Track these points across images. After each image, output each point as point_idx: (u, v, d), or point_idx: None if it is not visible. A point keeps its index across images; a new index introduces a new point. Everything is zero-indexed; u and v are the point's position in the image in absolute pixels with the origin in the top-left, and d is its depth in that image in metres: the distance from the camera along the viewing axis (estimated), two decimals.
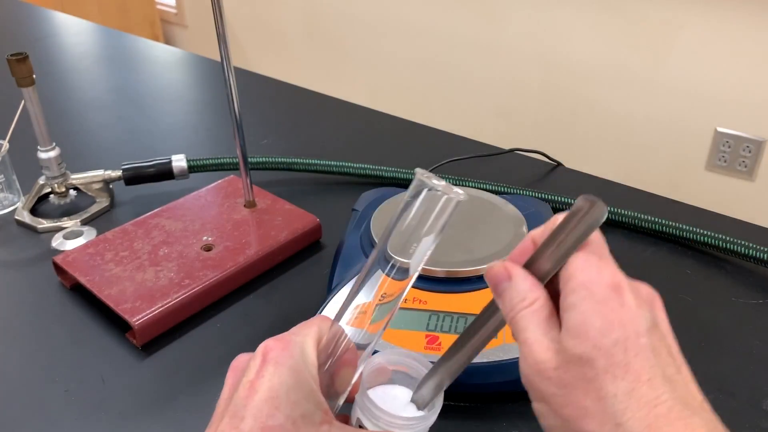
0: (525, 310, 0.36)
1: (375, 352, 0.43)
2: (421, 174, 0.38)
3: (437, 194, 0.38)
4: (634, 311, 0.34)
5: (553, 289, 0.37)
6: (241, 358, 0.39)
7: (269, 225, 0.75)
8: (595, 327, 0.33)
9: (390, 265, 0.40)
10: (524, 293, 0.37)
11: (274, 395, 0.35)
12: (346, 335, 0.40)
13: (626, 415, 0.32)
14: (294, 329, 0.40)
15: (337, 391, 0.40)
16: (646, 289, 0.36)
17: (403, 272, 0.40)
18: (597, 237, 0.38)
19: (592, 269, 0.35)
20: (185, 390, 0.59)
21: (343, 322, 0.41)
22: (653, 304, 0.36)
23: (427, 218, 0.38)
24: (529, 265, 0.38)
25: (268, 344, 0.38)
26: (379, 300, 0.40)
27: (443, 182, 0.38)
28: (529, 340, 0.36)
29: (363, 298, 0.40)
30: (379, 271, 0.40)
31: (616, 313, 0.33)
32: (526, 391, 0.58)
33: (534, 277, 0.37)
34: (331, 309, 0.60)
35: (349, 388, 0.41)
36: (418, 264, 0.40)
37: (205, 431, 0.37)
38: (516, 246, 0.40)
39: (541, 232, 0.39)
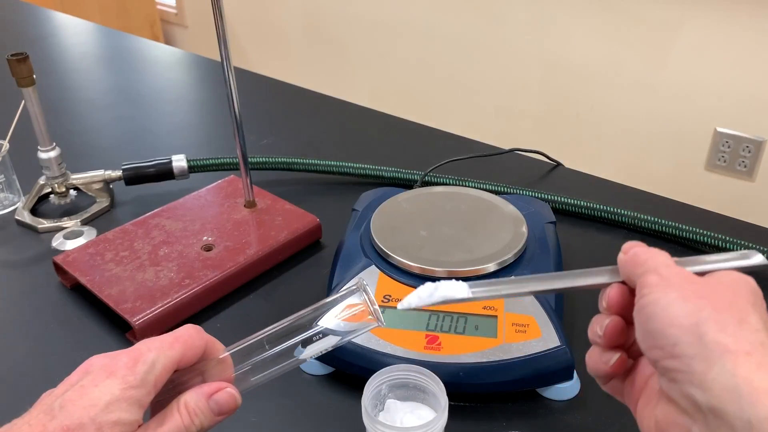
0: (663, 255, 0.38)
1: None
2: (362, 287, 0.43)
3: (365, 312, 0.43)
4: None
5: None
6: (93, 361, 0.40)
7: (269, 225, 0.75)
8: (750, 287, 0.36)
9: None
10: (660, 253, 0.38)
11: (93, 404, 0.36)
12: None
13: (765, 331, 0.33)
14: (156, 339, 0.40)
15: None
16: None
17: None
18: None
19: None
20: None
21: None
22: None
23: (347, 325, 0.42)
24: None
25: (117, 357, 0.38)
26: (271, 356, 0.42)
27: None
28: (667, 264, 0.37)
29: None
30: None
31: (758, 299, 0.36)
32: (525, 391, 0.58)
33: None
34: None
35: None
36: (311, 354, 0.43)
37: (20, 417, 0.39)
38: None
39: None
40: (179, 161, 0.84)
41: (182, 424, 0.38)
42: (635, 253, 0.38)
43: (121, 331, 0.64)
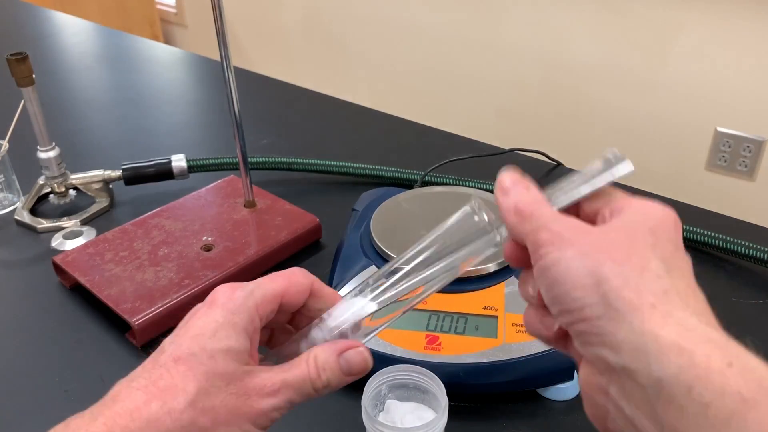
0: (546, 203, 0.35)
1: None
2: (476, 202, 0.40)
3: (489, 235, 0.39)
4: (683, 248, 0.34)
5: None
6: (196, 307, 0.40)
7: (269, 225, 0.75)
8: (653, 221, 0.33)
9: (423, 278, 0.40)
10: (542, 198, 0.36)
11: (201, 332, 0.36)
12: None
13: (669, 275, 0.32)
14: (258, 279, 0.40)
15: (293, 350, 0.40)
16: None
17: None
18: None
19: (655, 203, 0.35)
20: None
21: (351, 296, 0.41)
22: None
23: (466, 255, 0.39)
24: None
25: (217, 287, 0.39)
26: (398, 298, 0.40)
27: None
28: (556, 214, 0.35)
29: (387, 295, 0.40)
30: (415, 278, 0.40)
31: (671, 231, 0.34)
32: (525, 392, 0.58)
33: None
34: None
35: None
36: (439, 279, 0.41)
37: None
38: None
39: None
40: (179, 161, 0.84)
41: (308, 375, 0.37)
42: (518, 209, 0.36)
43: (121, 332, 0.64)
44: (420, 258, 0.40)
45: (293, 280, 0.40)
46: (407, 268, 0.40)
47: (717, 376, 0.28)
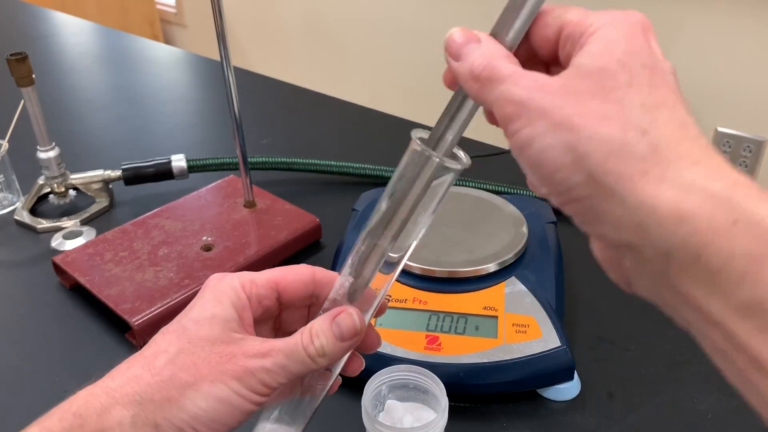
0: (502, 57, 0.31)
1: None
2: (417, 132, 0.37)
3: (429, 159, 0.35)
4: (660, 55, 0.29)
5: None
6: None
7: (269, 225, 0.75)
8: (621, 48, 0.28)
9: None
10: (497, 50, 0.31)
11: (188, 309, 0.38)
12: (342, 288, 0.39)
13: (654, 124, 0.27)
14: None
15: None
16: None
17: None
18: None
19: (615, 12, 0.30)
20: None
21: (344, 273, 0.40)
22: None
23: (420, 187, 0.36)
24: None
25: (211, 276, 0.40)
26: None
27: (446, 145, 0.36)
28: (517, 72, 0.30)
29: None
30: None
31: (643, 47, 0.29)
32: (525, 392, 0.58)
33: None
34: None
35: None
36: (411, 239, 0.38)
37: None
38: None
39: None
40: (179, 161, 0.84)
41: (300, 343, 0.36)
42: (474, 75, 0.31)
43: (121, 332, 0.64)
44: (384, 216, 0.37)
45: (291, 269, 0.40)
46: (373, 226, 0.37)
47: (723, 238, 0.26)
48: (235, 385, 0.35)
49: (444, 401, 0.49)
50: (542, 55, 0.33)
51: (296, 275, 0.40)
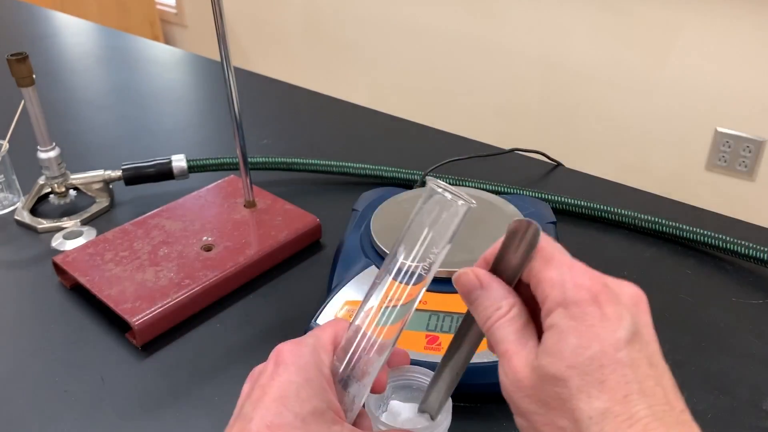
0: (501, 320, 0.36)
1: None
2: (432, 182, 0.39)
3: (448, 201, 0.39)
4: (614, 323, 0.32)
5: (526, 294, 0.36)
6: (256, 368, 0.40)
7: (269, 225, 0.75)
8: (570, 345, 0.32)
9: (402, 268, 0.40)
10: (499, 301, 0.36)
11: (283, 394, 0.36)
12: (366, 332, 0.40)
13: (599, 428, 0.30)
14: (309, 333, 0.40)
15: (354, 396, 0.40)
16: (629, 290, 0.34)
17: (412, 277, 0.40)
18: (550, 243, 0.36)
19: (567, 284, 0.33)
20: (185, 390, 0.59)
21: (359, 322, 0.41)
22: (638, 306, 0.34)
23: (438, 225, 0.39)
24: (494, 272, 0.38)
25: (279, 347, 0.38)
26: (393, 302, 0.40)
27: (453, 188, 0.39)
28: (507, 353, 0.35)
29: (377, 299, 0.41)
30: (387, 275, 0.40)
31: (593, 329, 0.32)
32: None
33: (506, 284, 0.37)
34: (330, 309, 0.60)
35: (366, 392, 0.41)
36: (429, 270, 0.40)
37: None
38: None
39: (491, 251, 0.39)
40: (179, 161, 0.84)
41: None
42: (478, 319, 0.37)
43: (121, 331, 0.64)
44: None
45: (339, 326, 0.41)
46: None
47: None
48: None
49: (447, 402, 0.49)
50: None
51: (343, 331, 0.41)
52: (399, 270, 0.40)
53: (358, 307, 0.41)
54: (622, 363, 0.31)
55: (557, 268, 0.34)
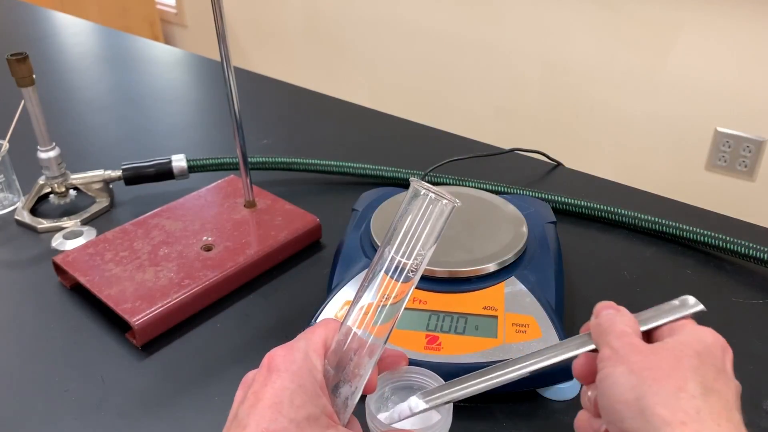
0: (628, 337, 0.39)
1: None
2: (415, 183, 0.40)
3: (433, 200, 0.40)
4: (731, 373, 0.38)
5: None
6: (249, 374, 0.40)
7: (269, 225, 0.75)
8: (702, 344, 0.38)
9: (391, 266, 0.40)
10: (632, 324, 0.40)
11: (278, 401, 0.36)
12: (356, 333, 0.40)
13: (705, 396, 0.35)
14: (299, 335, 0.40)
15: (346, 398, 0.40)
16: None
17: (401, 275, 0.41)
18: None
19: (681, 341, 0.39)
20: (185, 390, 0.59)
21: (349, 323, 0.41)
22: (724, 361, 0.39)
23: (425, 223, 0.40)
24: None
25: (271, 353, 0.39)
26: (383, 302, 0.40)
27: (436, 189, 0.40)
28: (624, 332, 0.39)
29: (367, 299, 0.41)
30: (382, 272, 0.40)
31: (718, 359, 0.38)
32: (525, 391, 0.58)
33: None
34: (330, 309, 0.60)
35: (358, 394, 0.41)
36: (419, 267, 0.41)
37: None
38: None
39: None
40: (179, 161, 0.84)
41: None
42: (597, 323, 0.40)
43: (121, 331, 0.64)
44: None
45: (330, 327, 0.41)
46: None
47: None
48: None
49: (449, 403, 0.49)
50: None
51: (334, 332, 0.41)
52: (388, 269, 0.40)
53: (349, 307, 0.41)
54: (732, 392, 0.37)
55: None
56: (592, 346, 0.41)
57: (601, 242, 0.78)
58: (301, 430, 0.35)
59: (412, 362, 0.54)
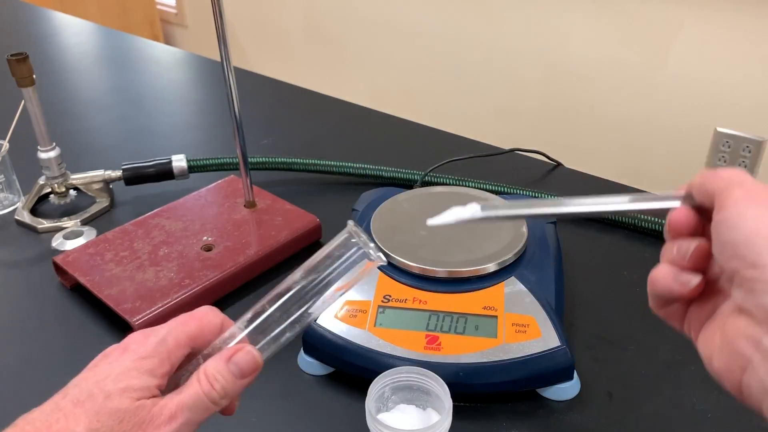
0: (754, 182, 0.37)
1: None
2: (352, 227, 0.41)
3: (364, 254, 0.41)
4: None
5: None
6: (113, 346, 0.40)
7: (269, 225, 0.75)
8: None
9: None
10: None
11: (105, 377, 0.37)
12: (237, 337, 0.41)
13: None
14: (172, 320, 0.40)
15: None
16: None
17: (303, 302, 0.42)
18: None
19: None
20: None
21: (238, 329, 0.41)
22: None
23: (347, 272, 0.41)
24: None
25: (132, 334, 0.40)
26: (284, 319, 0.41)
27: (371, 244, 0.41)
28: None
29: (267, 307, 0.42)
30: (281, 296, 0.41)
31: None
32: (525, 392, 0.58)
33: None
34: (330, 309, 0.60)
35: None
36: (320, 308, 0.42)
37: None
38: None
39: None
40: (179, 161, 0.84)
41: (201, 390, 0.38)
42: (716, 171, 0.38)
43: (121, 331, 0.64)
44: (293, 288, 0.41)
45: (205, 321, 0.41)
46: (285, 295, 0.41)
47: None
48: None
49: (448, 403, 0.49)
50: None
51: (210, 326, 0.41)
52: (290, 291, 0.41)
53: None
54: None
55: None
56: (677, 203, 0.39)
57: (601, 242, 0.78)
58: (108, 399, 0.36)
59: (412, 362, 0.54)
